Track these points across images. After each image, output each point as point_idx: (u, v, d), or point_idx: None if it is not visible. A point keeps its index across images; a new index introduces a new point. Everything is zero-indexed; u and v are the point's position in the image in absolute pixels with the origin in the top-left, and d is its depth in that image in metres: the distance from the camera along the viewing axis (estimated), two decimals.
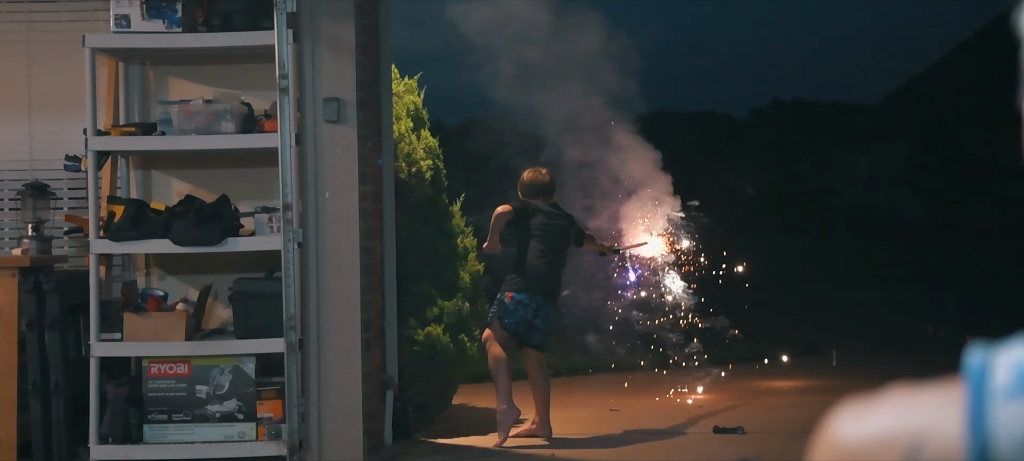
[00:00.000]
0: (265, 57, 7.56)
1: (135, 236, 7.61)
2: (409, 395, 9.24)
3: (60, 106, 8.28)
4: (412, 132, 9.65)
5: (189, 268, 8.26)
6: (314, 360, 7.95)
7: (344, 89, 7.96)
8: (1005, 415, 1.01)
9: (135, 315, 7.67)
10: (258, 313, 7.69)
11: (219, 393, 7.77)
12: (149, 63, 8.20)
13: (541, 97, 10.56)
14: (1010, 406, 1.02)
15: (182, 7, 7.60)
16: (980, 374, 1.05)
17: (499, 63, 10.28)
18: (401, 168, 9.36)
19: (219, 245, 7.64)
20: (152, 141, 7.77)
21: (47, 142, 8.36)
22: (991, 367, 1.05)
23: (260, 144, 7.66)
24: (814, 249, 29.19)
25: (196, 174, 8.23)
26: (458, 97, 14.12)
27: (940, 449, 1.04)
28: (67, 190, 8.41)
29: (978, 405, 1.03)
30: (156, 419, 7.75)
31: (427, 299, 9.57)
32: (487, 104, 11.74)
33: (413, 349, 9.37)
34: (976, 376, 1.05)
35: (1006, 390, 1.03)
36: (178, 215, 7.67)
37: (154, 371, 7.74)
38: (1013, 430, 1.01)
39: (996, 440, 1.01)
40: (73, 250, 8.46)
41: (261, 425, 7.74)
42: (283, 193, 7.50)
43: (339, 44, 7.97)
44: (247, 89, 7.98)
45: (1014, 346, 1.06)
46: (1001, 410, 1.02)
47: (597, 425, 9.79)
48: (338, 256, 7.98)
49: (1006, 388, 1.03)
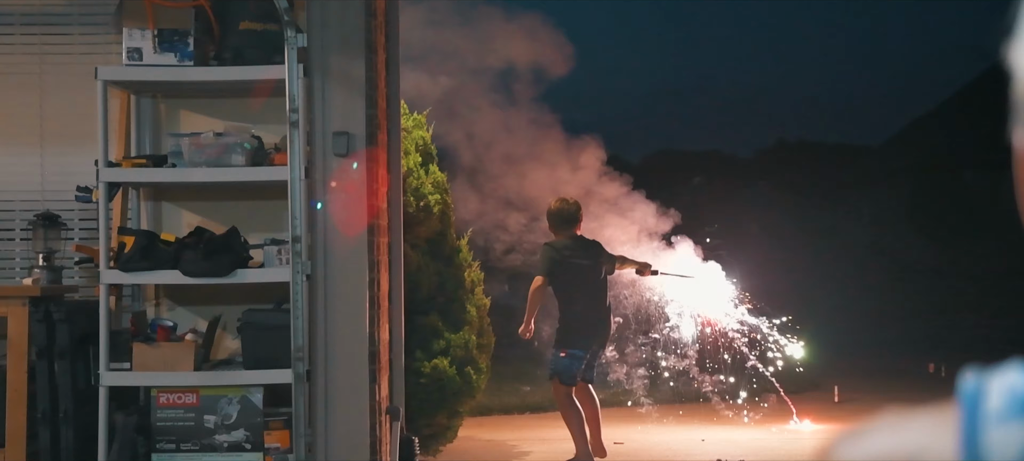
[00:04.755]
0: (276, 91, 7.60)
1: (145, 267, 7.63)
2: (416, 427, 9.26)
3: (72, 137, 8.32)
4: (420, 167, 9.69)
5: (198, 299, 8.27)
6: (322, 391, 7.96)
7: (353, 123, 8.01)
8: (998, 439, 1.02)
9: (144, 345, 7.68)
10: (266, 344, 7.70)
11: (227, 423, 7.77)
12: (160, 96, 8.24)
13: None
14: (1003, 430, 1.02)
15: (194, 41, 7.64)
16: (974, 398, 1.05)
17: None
18: (409, 203, 9.40)
19: (228, 276, 7.65)
20: (163, 173, 7.79)
21: (59, 173, 8.39)
22: (984, 391, 1.05)
23: (270, 177, 7.68)
24: (817, 287, 29.16)
25: (206, 206, 8.26)
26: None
27: None
28: (78, 221, 8.44)
29: (971, 429, 1.03)
30: (164, 448, 7.75)
31: (434, 332, 9.59)
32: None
33: (420, 381, 9.38)
34: (969, 400, 1.05)
35: (999, 414, 1.03)
36: (188, 246, 7.68)
37: (163, 400, 7.75)
38: (1006, 453, 1.01)
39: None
40: (83, 280, 8.48)
41: (268, 455, 7.74)
42: (292, 225, 7.51)
43: (349, 79, 8.02)
44: (257, 123, 8.00)
45: (1007, 371, 1.06)
46: (994, 434, 1.02)
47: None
48: (346, 288, 8.00)
49: (999, 412, 1.03)
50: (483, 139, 11.24)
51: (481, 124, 11.27)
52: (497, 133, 11.39)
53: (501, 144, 11.52)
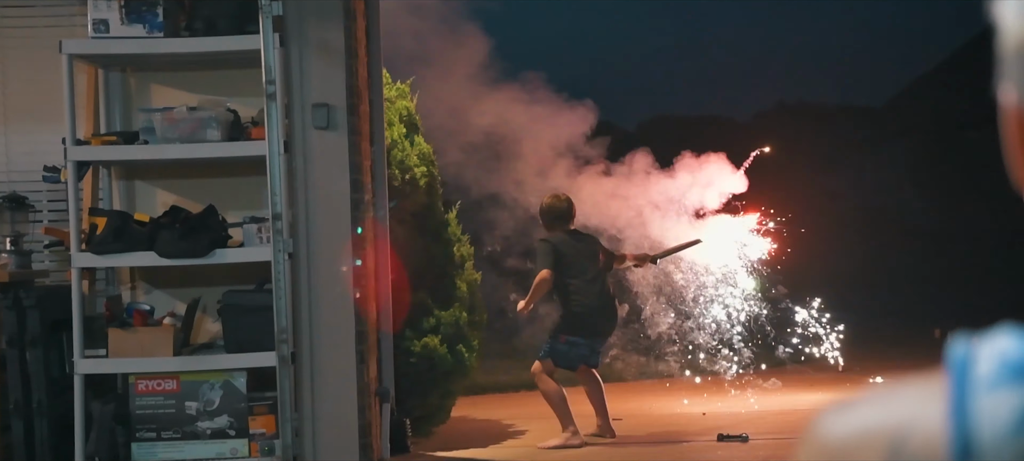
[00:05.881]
0: (251, 62, 7.40)
1: (119, 249, 7.46)
2: (406, 408, 9.12)
3: (37, 115, 8.10)
4: (405, 138, 9.47)
5: (176, 281, 8.12)
6: (307, 373, 7.83)
7: (333, 95, 7.82)
8: (988, 406, 1.01)
9: (120, 331, 7.53)
10: (248, 326, 7.57)
11: (209, 409, 7.66)
12: (130, 69, 8.04)
13: None
14: (993, 397, 1.02)
15: (164, 11, 7.44)
16: (963, 365, 1.05)
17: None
18: (394, 175, 9.21)
19: (207, 257, 7.50)
20: (134, 150, 7.61)
21: (24, 153, 8.17)
22: (974, 358, 1.05)
23: (247, 152, 7.53)
24: (819, 252, 29.03)
25: (181, 184, 8.08)
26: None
27: (923, 442, 1.03)
28: (47, 202, 8.25)
29: (961, 396, 1.03)
30: (144, 437, 7.63)
31: (423, 309, 9.42)
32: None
33: (410, 361, 9.24)
34: (959, 367, 1.05)
35: (989, 381, 1.03)
36: (163, 227, 7.53)
37: (141, 388, 7.62)
38: (996, 421, 1.00)
39: (979, 431, 1.01)
40: (54, 264, 8.28)
41: (254, 441, 7.64)
42: (272, 202, 7.37)
43: (327, 48, 7.83)
44: (233, 96, 7.83)
45: (997, 337, 1.06)
46: (984, 401, 1.02)
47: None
48: (330, 266, 7.85)
49: (989, 379, 1.03)
50: (461, 108, 11.01)
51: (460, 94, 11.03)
52: (479, 101, 11.13)
53: (482, 114, 11.25)
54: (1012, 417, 1.00)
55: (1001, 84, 1.11)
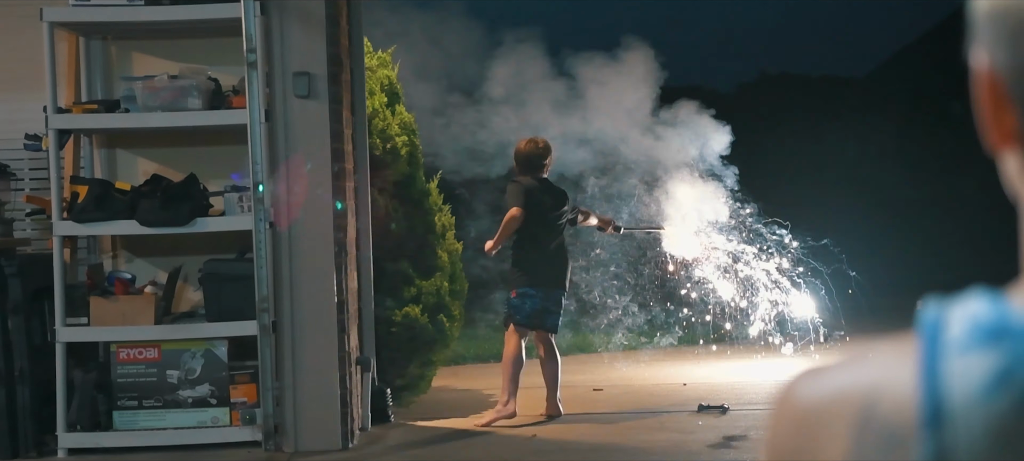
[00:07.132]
0: (232, 30, 7.37)
1: (100, 217, 7.46)
2: (387, 377, 9.08)
3: (18, 83, 8.05)
4: (386, 107, 9.43)
5: (157, 250, 8.09)
6: (288, 343, 7.80)
7: (314, 63, 7.78)
8: (958, 369, 1.01)
9: (102, 299, 7.54)
10: (230, 295, 7.58)
11: (191, 378, 7.66)
12: (111, 37, 8.00)
13: None
14: (963, 360, 1.01)
15: None
16: (933, 328, 1.04)
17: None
18: (376, 145, 9.17)
19: (188, 226, 7.50)
20: (115, 118, 7.60)
21: (5, 121, 8.12)
22: (945, 321, 1.05)
23: (228, 121, 7.51)
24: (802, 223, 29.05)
25: (162, 153, 8.05)
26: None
27: (894, 405, 1.03)
28: (28, 170, 8.23)
29: (931, 359, 1.03)
30: (126, 405, 7.64)
31: (404, 279, 9.38)
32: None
33: (391, 330, 9.21)
34: (929, 330, 1.04)
35: (959, 344, 1.02)
36: (145, 195, 7.53)
37: (123, 356, 7.62)
38: (966, 383, 1.00)
39: (949, 394, 1.00)
40: (36, 233, 8.27)
41: (235, 410, 7.65)
42: (253, 171, 7.36)
43: (308, 16, 7.78)
44: (214, 64, 7.80)
45: (968, 300, 1.06)
46: (954, 363, 1.01)
47: (580, 405, 9.61)
48: (312, 235, 7.82)
49: (959, 341, 1.03)
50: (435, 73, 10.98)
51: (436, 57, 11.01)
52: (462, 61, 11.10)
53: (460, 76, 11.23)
54: (983, 379, 1.00)
55: (972, 49, 1.11)
